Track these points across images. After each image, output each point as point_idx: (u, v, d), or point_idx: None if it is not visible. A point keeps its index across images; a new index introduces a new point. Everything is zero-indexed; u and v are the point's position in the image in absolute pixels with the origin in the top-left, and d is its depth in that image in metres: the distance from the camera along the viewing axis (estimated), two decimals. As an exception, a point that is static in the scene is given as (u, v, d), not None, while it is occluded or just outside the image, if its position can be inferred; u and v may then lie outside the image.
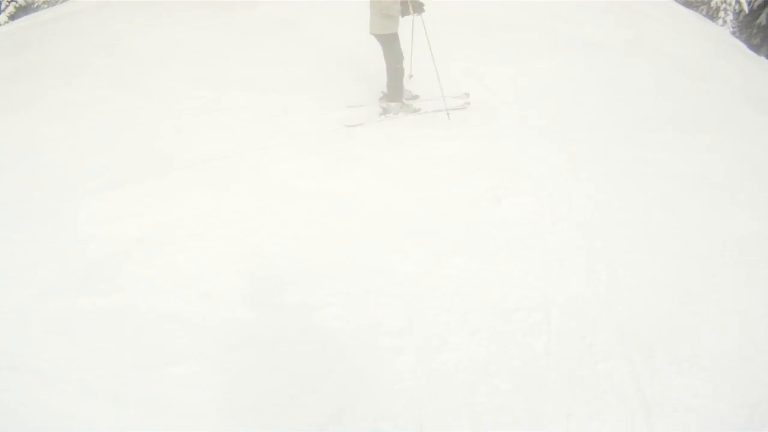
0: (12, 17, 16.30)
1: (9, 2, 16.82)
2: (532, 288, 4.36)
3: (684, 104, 8.73)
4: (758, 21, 22.10)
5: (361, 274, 4.39)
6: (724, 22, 19.93)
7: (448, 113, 7.05)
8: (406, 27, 7.14)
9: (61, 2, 14.27)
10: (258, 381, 3.61)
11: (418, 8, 6.73)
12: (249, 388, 3.57)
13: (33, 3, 16.74)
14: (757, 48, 19.16)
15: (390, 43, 6.89)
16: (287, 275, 4.39)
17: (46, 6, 15.63)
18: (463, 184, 5.64)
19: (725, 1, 19.60)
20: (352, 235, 4.83)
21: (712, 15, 19.62)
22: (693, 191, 6.44)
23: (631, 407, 3.80)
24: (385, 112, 7.25)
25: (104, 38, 9.28)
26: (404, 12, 6.75)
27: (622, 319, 4.39)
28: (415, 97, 7.54)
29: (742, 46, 14.92)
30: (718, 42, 13.71)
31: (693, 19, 15.19)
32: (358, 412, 3.47)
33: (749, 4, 20.76)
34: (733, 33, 19.98)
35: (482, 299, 4.22)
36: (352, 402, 3.52)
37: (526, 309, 4.15)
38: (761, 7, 21.73)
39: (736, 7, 19.88)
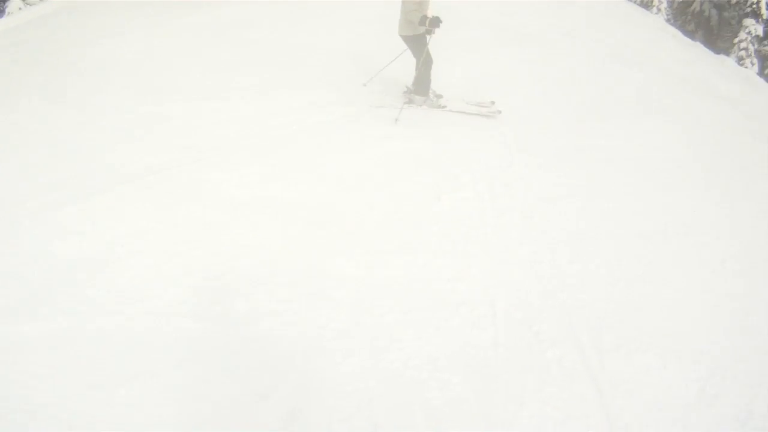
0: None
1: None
2: (476, 281, 4.43)
3: (622, 91, 8.98)
4: (692, 8, 22.83)
5: (306, 279, 4.39)
6: (659, 10, 20.52)
7: (488, 115, 7.67)
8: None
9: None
10: (209, 394, 3.57)
11: (435, 23, 7.22)
12: (201, 402, 3.53)
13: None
14: (692, 34, 19.75)
15: (417, 43, 7.55)
16: (232, 285, 4.36)
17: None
18: (406, 183, 5.69)
19: (660, -10, 20.22)
20: (297, 242, 4.83)
21: (647, 3, 20.19)
22: (634, 176, 6.63)
23: (584, 390, 3.88)
24: (410, 102, 7.89)
25: (46, 54, 9.04)
26: (421, 22, 7.26)
27: (567, 306, 4.50)
28: (439, 96, 8.03)
29: (678, 33, 15.39)
30: (653, 30, 14.13)
31: (627, 8, 15.63)
32: (312, 417, 3.48)
33: (683, -9, 21.47)
34: (668, 20, 20.54)
35: (427, 296, 4.26)
36: (305, 407, 3.52)
37: (471, 302, 4.20)
38: (695, -6, 22.47)
39: (671, -5, 20.53)
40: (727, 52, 21.87)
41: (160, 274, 4.46)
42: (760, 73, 23.13)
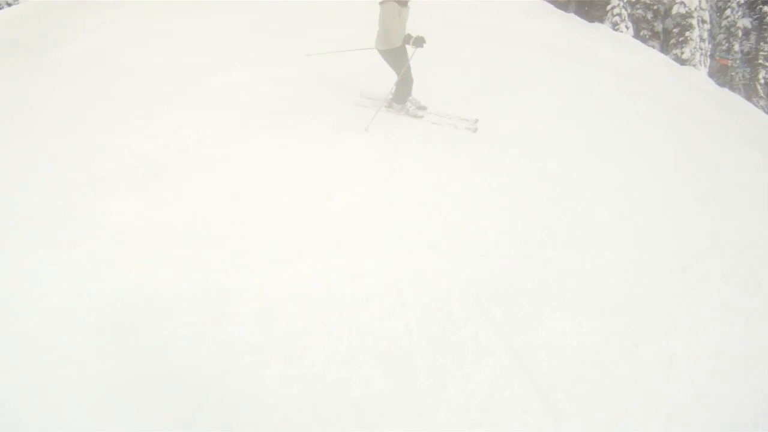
0: None
1: None
2: (379, 274, 4.47)
3: (504, 70, 9.24)
4: (564, -20, 23.74)
5: (211, 300, 4.31)
6: (531, -13, 21.25)
7: (468, 128, 7.65)
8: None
9: None
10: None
11: (419, 42, 7.40)
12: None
13: None
14: (565, 6, 20.51)
15: (394, 57, 7.59)
16: (136, 318, 4.23)
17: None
18: (295, 187, 5.66)
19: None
20: (194, 264, 4.72)
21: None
22: (517, 146, 6.86)
23: (504, 361, 4.00)
24: (389, 106, 8.00)
25: None
26: (405, 41, 7.45)
27: (473, 284, 4.62)
28: (423, 108, 8.10)
29: (550, 6, 15.99)
30: (522, 5, 14.64)
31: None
32: (242, 433, 3.44)
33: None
34: (540, -3, 21.30)
35: (333, 296, 4.27)
36: (234, 425, 3.48)
37: (378, 295, 4.25)
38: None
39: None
40: (601, 19, 22.87)
41: (65, 318, 4.28)
42: (636, 36, 24.30)
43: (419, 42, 7.39)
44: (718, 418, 4.14)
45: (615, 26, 22.64)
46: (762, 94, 32.10)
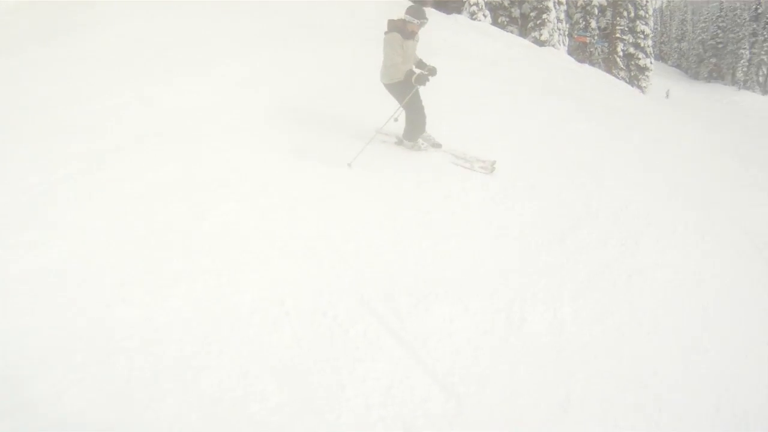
0: None
1: None
2: (260, 287, 4.45)
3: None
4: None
5: (96, 339, 4.12)
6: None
7: (483, 170, 7.44)
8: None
9: None
10: None
11: (421, 81, 7.13)
12: None
13: None
14: (421, 2, 21.03)
15: (398, 91, 7.37)
16: (23, 370, 3.98)
17: None
18: (164, 211, 5.49)
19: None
20: (74, 304, 4.48)
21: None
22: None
23: (396, 354, 4.10)
24: (398, 143, 7.92)
25: None
26: (407, 77, 7.18)
27: (354, 283, 4.72)
28: (438, 145, 7.87)
29: (408, 3, 16.33)
30: (381, 3, 14.97)
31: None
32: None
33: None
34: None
35: (217, 315, 4.20)
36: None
37: (261, 309, 4.23)
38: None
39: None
40: (459, 11, 23.59)
41: None
42: (494, 23, 25.23)
43: (421, 80, 7.16)
44: (613, 379, 4.38)
45: (473, 16, 23.40)
46: (621, 66, 34.04)
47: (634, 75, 34.22)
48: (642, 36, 34.81)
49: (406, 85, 7.24)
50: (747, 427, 4.11)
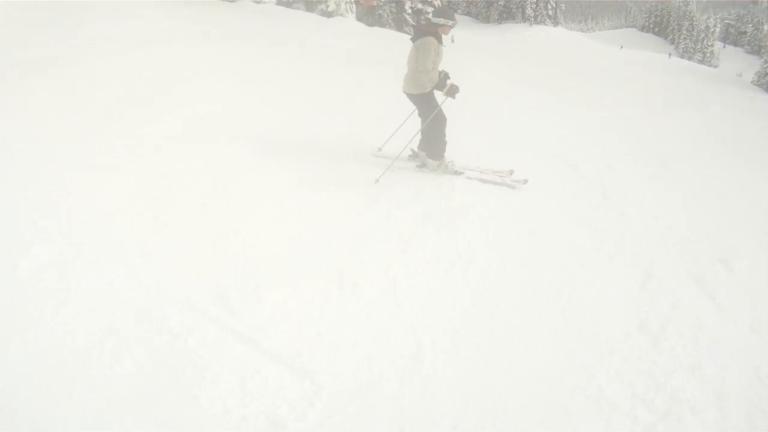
0: None
1: None
2: (88, 321, 4.23)
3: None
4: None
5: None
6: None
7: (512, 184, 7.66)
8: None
9: None
10: None
11: (452, 92, 7.09)
12: None
13: None
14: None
15: (425, 102, 7.26)
16: None
17: None
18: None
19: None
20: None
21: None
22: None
23: (241, 351, 4.16)
24: (422, 166, 7.76)
25: None
26: (439, 86, 7.13)
27: (182, 293, 4.69)
28: (458, 173, 7.75)
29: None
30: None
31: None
32: None
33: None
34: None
35: (55, 361, 3.89)
36: None
37: (97, 342, 4.04)
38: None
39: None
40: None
41: None
42: (280, 3, 25.27)
43: (452, 92, 7.01)
44: (457, 321, 4.76)
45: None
46: (412, 23, 35.20)
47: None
48: (427, -9, 36.15)
49: (432, 96, 7.25)
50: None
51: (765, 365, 4.56)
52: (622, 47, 62.38)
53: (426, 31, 7.02)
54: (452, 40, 35.83)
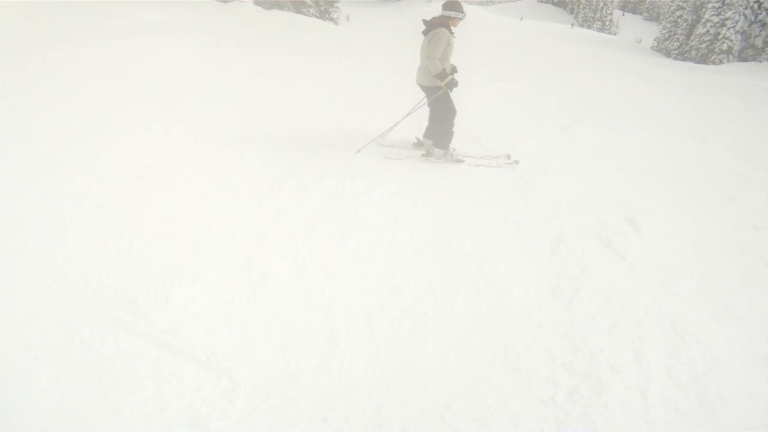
0: None
1: None
2: (3, 339, 4.11)
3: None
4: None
5: None
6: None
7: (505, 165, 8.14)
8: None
9: None
10: None
11: (450, 86, 7.52)
12: None
13: None
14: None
15: (435, 94, 7.64)
16: None
17: None
18: None
19: None
20: None
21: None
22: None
23: (154, 355, 4.13)
24: (427, 155, 8.14)
25: None
26: (440, 77, 7.40)
27: (90, 301, 4.59)
28: (459, 161, 8.13)
29: None
30: None
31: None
32: None
33: None
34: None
35: None
36: None
37: (11, 361, 3.93)
38: None
39: None
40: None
41: None
42: None
43: (451, 85, 7.35)
44: (372, 299, 4.87)
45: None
46: (311, 3, 34.95)
47: (324, 10, 35.21)
48: (325, -29, 35.91)
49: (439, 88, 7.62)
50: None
51: (680, 319, 4.82)
52: (522, 19, 63.70)
53: (438, 24, 7.46)
54: (348, 19, 36.13)
